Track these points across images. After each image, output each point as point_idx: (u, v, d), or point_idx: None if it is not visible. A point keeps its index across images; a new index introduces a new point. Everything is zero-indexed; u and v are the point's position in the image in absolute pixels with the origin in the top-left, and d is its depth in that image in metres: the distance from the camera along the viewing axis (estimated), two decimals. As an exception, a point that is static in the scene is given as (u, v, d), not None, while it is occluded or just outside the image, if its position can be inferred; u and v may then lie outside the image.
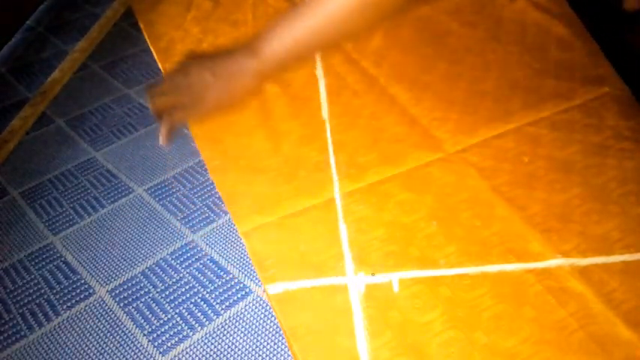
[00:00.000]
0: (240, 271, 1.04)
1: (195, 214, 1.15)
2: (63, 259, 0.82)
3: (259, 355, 0.91)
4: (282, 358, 0.89)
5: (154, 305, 0.70)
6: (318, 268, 0.69)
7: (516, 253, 0.69)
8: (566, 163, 0.81)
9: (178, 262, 1.06)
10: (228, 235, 1.14)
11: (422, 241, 0.72)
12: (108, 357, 0.70)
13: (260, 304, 0.98)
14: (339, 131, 0.90)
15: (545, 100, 0.93)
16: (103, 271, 0.81)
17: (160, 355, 0.67)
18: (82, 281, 0.79)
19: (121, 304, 0.74)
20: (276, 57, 0.67)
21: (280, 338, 0.94)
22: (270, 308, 0.97)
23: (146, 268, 0.75)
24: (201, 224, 1.16)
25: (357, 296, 0.66)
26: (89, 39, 1.55)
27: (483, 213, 0.75)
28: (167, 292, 1.00)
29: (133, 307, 0.73)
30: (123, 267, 0.80)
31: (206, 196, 1.23)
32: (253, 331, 0.94)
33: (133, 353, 0.69)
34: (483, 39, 1.09)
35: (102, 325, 0.74)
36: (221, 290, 1.03)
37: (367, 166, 0.83)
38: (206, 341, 0.92)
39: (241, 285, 1.00)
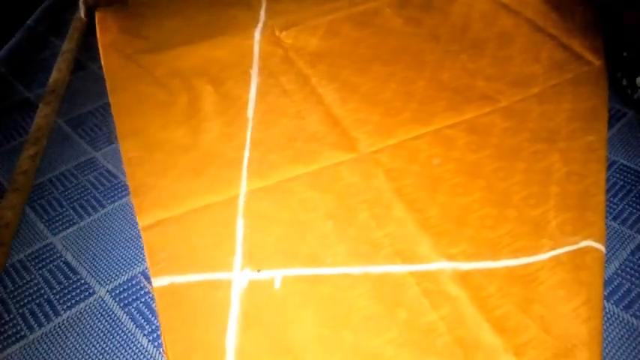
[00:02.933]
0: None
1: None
2: (63, 259, 0.84)
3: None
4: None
5: (154, 305, 0.71)
6: (206, 263, 0.70)
7: (403, 255, 0.69)
8: (475, 167, 0.80)
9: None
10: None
11: (314, 239, 0.73)
12: (108, 357, 0.71)
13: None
14: (261, 130, 0.91)
15: (470, 102, 0.92)
16: (103, 271, 0.82)
17: (160, 355, 0.68)
18: (82, 281, 0.81)
19: (121, 304, 0.76)
20: None
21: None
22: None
23: (146, 268, 0.77)
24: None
25: (238, 292, 0.66)
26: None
27: (381, 214, 0.75)
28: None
29: (133, 307, 0.75)
30: (123, 267, 0.82)
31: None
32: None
33: (133, 353, 0.71)
34: (424, 37, 1.08)
35: (102, 325, 0.75)
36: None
37: (279, 163, 0.83)
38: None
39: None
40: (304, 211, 0.77)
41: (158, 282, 0.69)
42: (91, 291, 0.79)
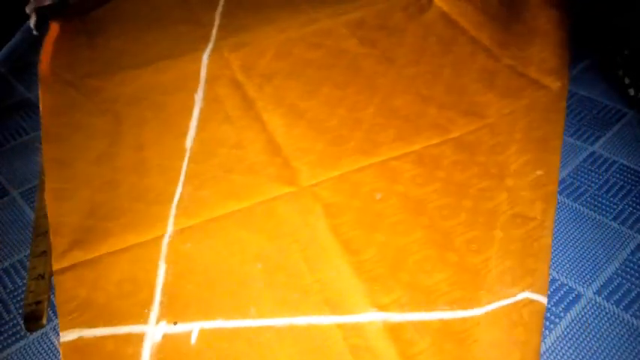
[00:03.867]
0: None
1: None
2: (63, 259, 0.82)
3: None
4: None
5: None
6: (121, 314, 0.64)
7: (332, 304, 0.64)
8: (419, 203, 0.75)
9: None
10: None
11: (240, 286, 0.67)
12: (107, 356, 0.69)
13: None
14: (198, 161, 0.85)
15: (421, 132, 0.87)
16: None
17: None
18: (82, 281, 0.79)
19: (120, 304, 0.74)
20: None
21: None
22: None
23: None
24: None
25: (150, 348, 0.61)
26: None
27: (313, 256, 0.69)
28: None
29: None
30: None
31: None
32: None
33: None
34: (378, 60, 1.03)
35: (100, 325, 0.73)
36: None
37: (211, 199, 0.78)
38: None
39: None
40: (231, 254, 0.71)
41: (66, 337, 0.63)
42: (89, 291, 0.76)
